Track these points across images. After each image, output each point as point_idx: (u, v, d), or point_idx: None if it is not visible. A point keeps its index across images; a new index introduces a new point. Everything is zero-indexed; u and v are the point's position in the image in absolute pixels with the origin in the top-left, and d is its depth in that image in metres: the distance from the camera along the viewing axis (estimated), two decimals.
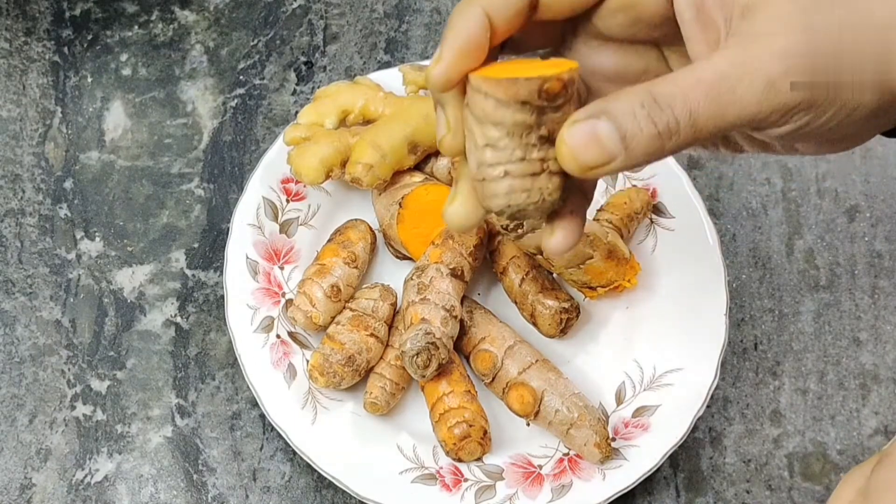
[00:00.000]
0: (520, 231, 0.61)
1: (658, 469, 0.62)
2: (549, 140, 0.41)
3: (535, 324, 0.65)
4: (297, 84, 0.75)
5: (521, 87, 0.40)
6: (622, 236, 0.66)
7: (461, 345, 0.64)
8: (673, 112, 0.38)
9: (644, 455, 0.61)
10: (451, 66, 0.40)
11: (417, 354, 0.60)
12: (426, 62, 0.70)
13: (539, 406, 0.61)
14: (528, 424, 0.63)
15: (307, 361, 0.63)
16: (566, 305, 0.64)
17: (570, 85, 0.41)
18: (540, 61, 0.43)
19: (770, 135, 0.41)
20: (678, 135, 0.39)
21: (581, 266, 0.63)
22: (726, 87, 0.38)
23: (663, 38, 0.45)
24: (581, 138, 0.39)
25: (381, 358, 0.63)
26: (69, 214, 0.70)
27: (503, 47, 0.44)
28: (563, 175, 0.42)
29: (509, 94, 0.40)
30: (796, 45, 0.38)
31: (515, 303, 0.66)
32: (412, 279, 0.63)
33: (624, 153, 0.39)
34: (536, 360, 0.62)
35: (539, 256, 0.64)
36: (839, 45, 0.39)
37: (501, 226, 0.62)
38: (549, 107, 0.40)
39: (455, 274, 0.63)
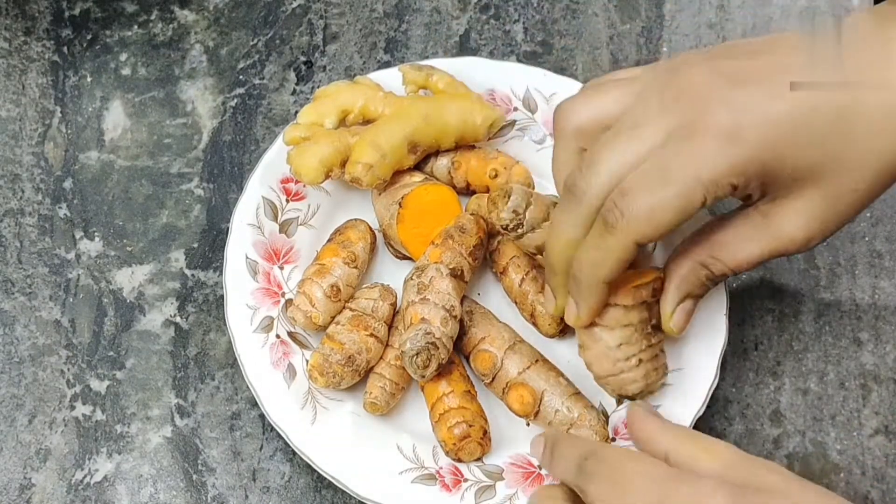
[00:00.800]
0: (520, 231, 0.61)
1: None
2: (655, 326, 0.57)
3: (535, 324, 0.65)
4: (296, 84, 0.74)
5: (643, 290, 0.56)
6: None
7: (461, 345, 0.64)
8: (726, 275, 0.56)
9: None
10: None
11: (417, 354, 0.60)
12: (426, 62, 0.70)
13: (539, 406, 0.61)
14: (528, 424, 0.63)
15: (307, 361, 0.63)
16: None
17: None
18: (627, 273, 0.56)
19: None
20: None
21: None
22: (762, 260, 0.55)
23: None
24: (681, 321, 0.57)
25: (381, 358, 0.63)
26: (68, 214, 0.70)
27: None
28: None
29: (636, 298, 0.56)
30: (818, 231, 0.54)
31: (515, 303, 0.66)
32: (412, 279, 0.63)
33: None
34: (536, 360, 0.62)
35: (539, 256, 0.64)
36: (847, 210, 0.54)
37: (501, 226, 0.62)
38: (654, 301, 0.57)
39: (455, 274, 0.63)
